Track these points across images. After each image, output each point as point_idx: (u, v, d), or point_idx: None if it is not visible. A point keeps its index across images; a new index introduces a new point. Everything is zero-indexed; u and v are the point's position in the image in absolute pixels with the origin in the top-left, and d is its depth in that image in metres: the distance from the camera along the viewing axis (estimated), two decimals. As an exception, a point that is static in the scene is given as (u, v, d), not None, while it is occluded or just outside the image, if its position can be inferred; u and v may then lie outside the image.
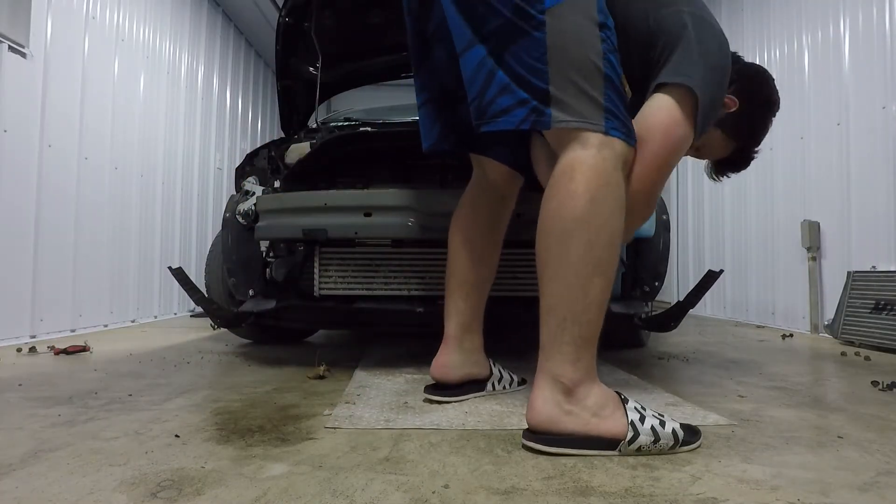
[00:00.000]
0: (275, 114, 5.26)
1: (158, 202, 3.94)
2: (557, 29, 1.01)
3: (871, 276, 2.68)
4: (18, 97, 2.58)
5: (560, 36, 1.01)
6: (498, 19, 1.04)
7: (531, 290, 1.83)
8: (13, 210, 2.57)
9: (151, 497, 0.76)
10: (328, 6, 2.42)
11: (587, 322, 1.00)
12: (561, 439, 0.98)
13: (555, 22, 1.01)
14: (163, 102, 3.99)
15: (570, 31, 1.01)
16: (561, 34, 1.01)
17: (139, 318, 3.66)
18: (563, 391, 1.00)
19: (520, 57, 1.02)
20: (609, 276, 1.01)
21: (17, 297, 2.58)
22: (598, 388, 1.02)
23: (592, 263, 0.99)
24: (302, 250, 1.90)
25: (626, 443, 0.97)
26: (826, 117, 3.09)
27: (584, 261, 0.99)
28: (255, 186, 2.07)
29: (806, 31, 3.27)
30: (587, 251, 0.99)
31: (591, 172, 0.99)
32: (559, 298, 1.01)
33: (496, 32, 1.05)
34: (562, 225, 1.00)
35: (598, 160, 0.99)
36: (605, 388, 1.03)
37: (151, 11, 3.81)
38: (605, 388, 1.03)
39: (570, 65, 1.00)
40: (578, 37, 1.01)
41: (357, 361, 2.00)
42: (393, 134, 2.17)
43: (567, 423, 0.98)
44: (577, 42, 1.01)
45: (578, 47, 1.01)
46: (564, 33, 1.01)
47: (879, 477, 0.85)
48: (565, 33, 1.01)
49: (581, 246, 0.99)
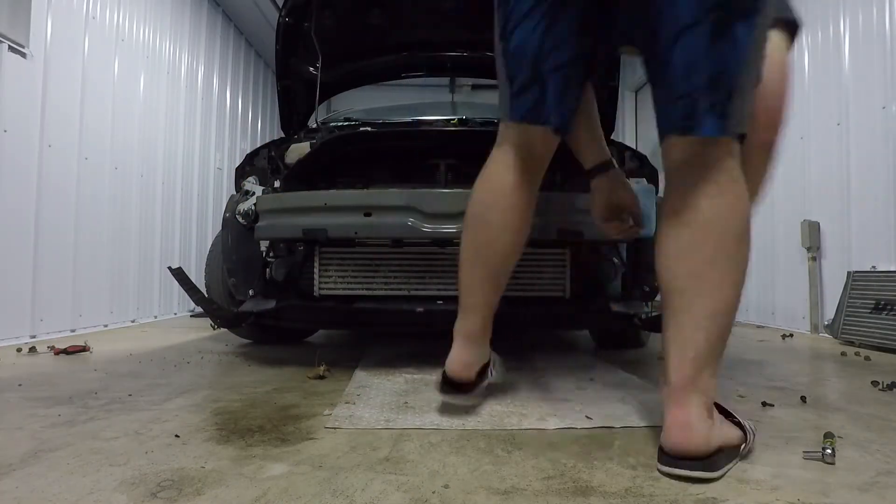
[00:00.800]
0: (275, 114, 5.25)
1: (158, 202, 3.94)
2: (759, 33, 0.94)
3: (871, 276, 2.68)
4: (18, 97, 2.58)
5: (757, 41, 0.94)
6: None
7: (532, 290, 1.83)
8: (13, 210, 2.57)
9: (151, 497, 0.76)
10: (328, 6, 2.42)
11: (728, 333, 0.97)
12: (717, 459, 0.88)
13: (761, 23, 0.93)
14: (163, 102, 3.98)
15: (760, 37, 0.95)
16: (758, 39, 0.94)
17: (139, 318, 3.66)
18: (707, 407, 0.92)
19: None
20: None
21: (17, 297, 2.58)
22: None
23: (745, 272, 0.95)
24: (302, 250, 1.91)
25: (746, 445, 0.95)
26: (826, 117, 3.09)
27: (744, 268, 0.94)
28: (255, 186, 2.07)
29: (806, 31, 3.27)
30: (747, 258, 0.94)
31: (741, 182, 0.95)
32: (727, 305, 0.93)
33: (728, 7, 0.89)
34: (740, 226, 0.93)
35: (738, 169, 0.96)
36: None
37: (151, 11, 3.81)
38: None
39: (750, 71, 0.94)
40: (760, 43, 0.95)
41: (357, 361, 2.00)
42: (393, 134, 2.17)
43: (713, 440, 0.89)
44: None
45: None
46: (759, 39, 0.94)
47: (879, 477, 0.85)
48: (759, 39, 0.95)
49: (747, 251, 0.94)
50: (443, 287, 1.84)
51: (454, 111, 2.80)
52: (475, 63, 2.86)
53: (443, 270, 1.85)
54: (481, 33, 2.72)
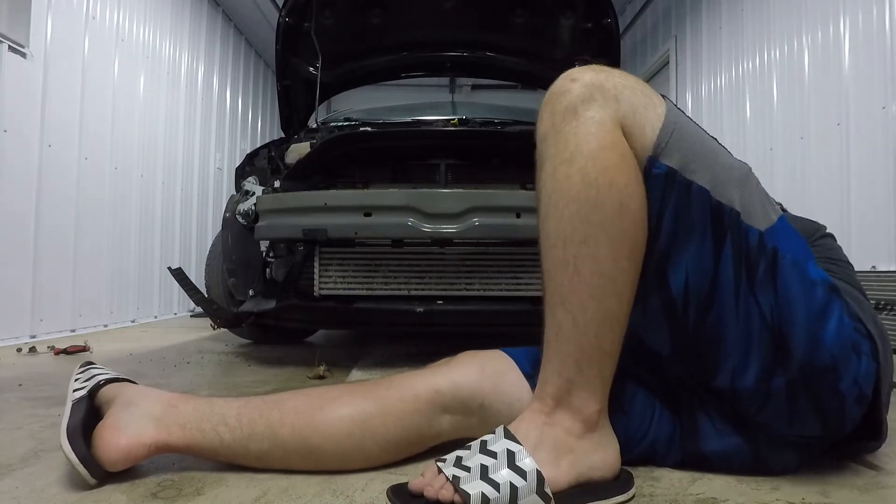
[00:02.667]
0: (275, 114, 5.26)
1: (158, 202, 3.94)
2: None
3: (871, 276, 2.68)
4: (18, 97, 2.58)
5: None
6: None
7: (532, 290, 1.83)
8: (13, 210, 2.57)
9: (151, 497, 0.76)
10: (328, 6, 2.42)
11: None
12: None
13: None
14: (163, 102, 3.99)
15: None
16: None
17: (139, 318, 3.66)
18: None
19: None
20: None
21: (17, 297, 2.58)
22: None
23: None
24: (302, 250, 1.91)
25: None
26: (826, 117, 3.09)
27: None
28: (255, 186, 2.07)
29: (806, 31, 3.27)
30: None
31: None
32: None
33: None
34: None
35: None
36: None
37: (151, 11, 3.81)
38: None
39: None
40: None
41: (357, 361, 2.00)
42: (393, 134, 2.17)
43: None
44: None
45: None
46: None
47: (880, 477, 0.85)
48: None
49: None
50: (443, 287, 1.84)
51: (454, 111, 2.79)
52: (475, 63, 2.86)
53: (443, 270, 1.85)
54: (481, 33, 2.73)
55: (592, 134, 0.71)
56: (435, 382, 0.87)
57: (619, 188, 0.71)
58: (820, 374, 0.74)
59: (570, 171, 0.72)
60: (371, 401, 0.86)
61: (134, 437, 0.79)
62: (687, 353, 0.80)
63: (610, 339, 0.73)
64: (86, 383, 0.90)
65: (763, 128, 3.51)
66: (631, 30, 5.67)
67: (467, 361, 0.90)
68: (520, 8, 2.50)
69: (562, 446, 0.73)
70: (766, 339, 0.75)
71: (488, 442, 0.73)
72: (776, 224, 0.76)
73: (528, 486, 0.67)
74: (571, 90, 0.74)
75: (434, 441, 0.89)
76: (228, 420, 0.83)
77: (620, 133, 0.73)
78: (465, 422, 0.87)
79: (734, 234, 0.74)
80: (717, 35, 4.15)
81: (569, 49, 2.68)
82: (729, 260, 0.74)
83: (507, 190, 1.89)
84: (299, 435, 0.83)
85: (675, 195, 0.74)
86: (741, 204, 0.75)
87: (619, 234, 0.71)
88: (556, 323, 0.74)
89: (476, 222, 1.68)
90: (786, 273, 0.74)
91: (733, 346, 0.76)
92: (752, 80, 3.72)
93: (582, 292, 0.71)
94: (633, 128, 0.73)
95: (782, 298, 0.74)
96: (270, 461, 0.84)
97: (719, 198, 0.74)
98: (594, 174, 0.70)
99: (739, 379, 0.77)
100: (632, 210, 0.72)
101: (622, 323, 0.74)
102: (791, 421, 0.78)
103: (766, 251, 0.74)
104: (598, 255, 0.71)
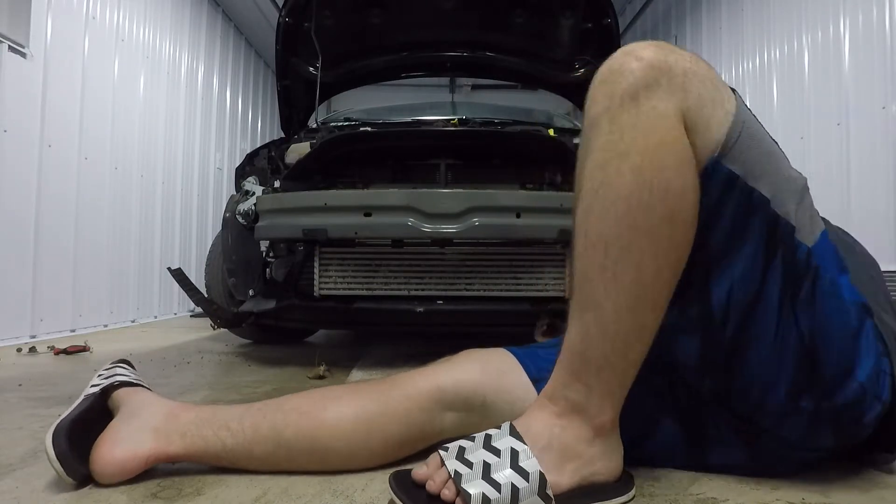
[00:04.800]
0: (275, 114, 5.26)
1: (158, 202, 3.94)
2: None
3: (871, 276, 2.67)
4: (18, 97, 2.58)
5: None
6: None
7: (532, 290, 1.83)
8: (13, 210, 2.57)
9: (151, 497, 0.76)
10: (328, 6, 2.42)
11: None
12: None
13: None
14: (163, 102, 3.99)
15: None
16: None
17: (139, 319, 3.66)
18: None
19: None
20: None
21: (17, 297, 2.58)
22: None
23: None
24: (302, 250, 1.91)
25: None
26: (826, 117, 3.09)
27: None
28: (255, 186, 2.07)
29: (806, 31, 3.27)
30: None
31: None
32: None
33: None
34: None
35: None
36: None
37: (151, 11, 3.81)
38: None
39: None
40: None
41: (357, 361, 2.00)
42: (393, 134, 2.17)
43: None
44: None
45: None
46: None
47: (880, 477, 0.85)
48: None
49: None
50: (443, 287, 1.84)
51: (454, 111, 2.79)
52: (475, 63, 2.86)
53: (443, 270, 1.85)
54: (481, 33, 2.73)
55: (653, 128, 0.64)
56: (437, 380, 0.86)
57: (675, 194, 0.64)
58: (851, 403, 0.72)
59: (623, 167, 0.64)
60: (375, 398, 0.85)
61: (129, 451, 0.79)
62: (716, 366, 0.77)
63: (638, 350, 0.70)
64: (104, 381, 0.91)
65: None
66: (631, 30, 5.67)
67: (469, 359, 0.89)
68: (520, 8, 2.50)
69: (570, 451, 0.71)
70: (801, 360, 0.72)
71: (493, 437, 0.72)
72: (820, 240, 0.73)
73: (530, 488, 0.66)
74: (634, 71, 0.65)
75: (436, 439, 0.89)
76: (231, 424, 0.82)
77: (683, 129, 0.66)
78: (467, 419, 0.87)
79: (785, 250, 0.70)
80: (717, 35, 4.15)
81: (569, 49, 2.69)
82: (778, 276, 0.70)
83: (507, 190, 1.89)
84: (305, 434, 0.82)
85: (733, 202, 0.69)
86: (797, 218, 0.71)
87: (666, 243, 0.66)
88: (583, 327, 0.70)
89: (476, 222, 1.68)
90: (825, 294, 0.71)
91: (767, 365, 0.73)
92: (752, 80, 3.72)
93: (618, 302, 0.66)
94: (698, 123, 0.66)
95: (819, 321, 0.71)
96: (275, 463, 0.83)
97: (778, 209, 0.69)
98: (649, 175, 0.64)
99: (767, 396, 0.74)
100: (684, 219, 0.66)
101: (652, 334, 0.70)
102: (805, 437, 0.77)
103: (810, 269, 0.71)
104: (641, 264, 0.65)
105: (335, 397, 0.87)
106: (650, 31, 5.40)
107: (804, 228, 0.71)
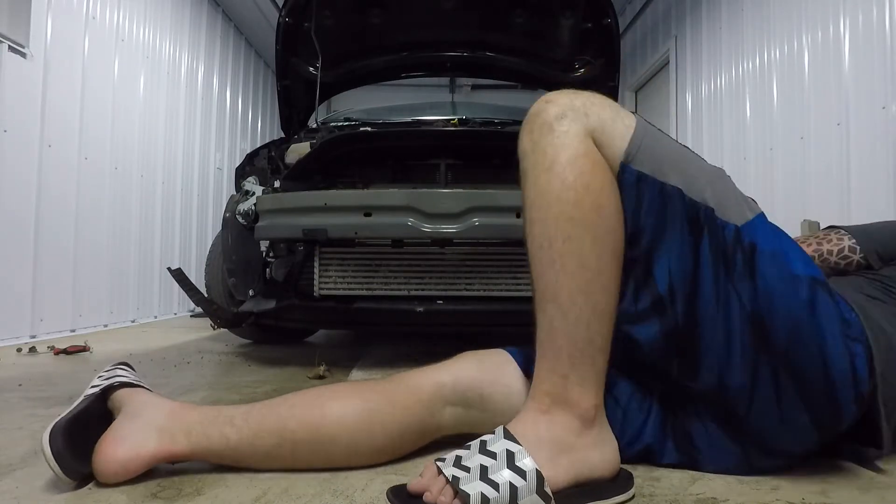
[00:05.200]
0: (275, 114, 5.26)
1: (158, 202, 3.94)
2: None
3: (871, 276, 2.67)
4: (18, 97, 2.58)
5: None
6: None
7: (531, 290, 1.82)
8: (13, 210, 2.57)
9: (151, 497, 0.76)
10: (328, 6, 2.42)
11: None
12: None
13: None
14: (163, 102, 3.99)
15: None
16: None
17: (139, 318, 3.66)
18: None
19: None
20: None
21: (17, 297, 2.58)
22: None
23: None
24: (302, 250, 1.91)
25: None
26: (826, 117, 3.09)
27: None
28: (255, 186, 2.07)
29: (806, 31, 3.27)
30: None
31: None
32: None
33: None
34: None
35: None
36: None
37: (151, 11, 3.81)
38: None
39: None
40: None
41: (357, 361, 2.00)
42: (393, 134, 2.17)
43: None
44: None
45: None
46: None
47: (880, 477, 0.85)
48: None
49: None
50: (443, 287, 1.84)
51: (454, 111, 2.80)
52: (475, 63, 2.86)
53: (443, 270, 1.85)
54: (481, 33, 2.73)
55: (567, 145, 0.77)
56: (437, 376, 0.91)
57: (595, 190, 0.77)
58: (814, 374, 0.76)
59: (550, 177, 0.77)
60: (378, 393, 0.89)
61: (132, 450, 0.79)
62: (679, 346, 0.82)
63: (600, 332, 0.76)
64: (104, 382, 0.91)
65: (763, 128, 3.51)
66: (631, 30, 5.66)
67: (467, 358, 0.95)
68: (520, 8, 2.50)
69: (561, 444, 0.74)
70: (748, 331, 0.78)
71: (488, 442, 0.73)
72: (754, 220, 0.80)
73: (528, 486, 0.67)
74: (547, 110, 0.81)
75: (435, 434, 0.92)
76: (235, 420, 0.84)
77: (592, 143, 0.79)
78: (465, 414, 0.90)
79: (711, 230, 0.79)
80: (717, 35, 4.15)
81: (569, 49, 2.68)
82: (707, 254, 0.79)
83: (507, 190, 1.89)
84: (310, 426, 0.84)
85: (648, 196, 0.79)
86: (715, 201, 0.79)
87: (600, 231, 0.76)
88: (546, 320, 0.77)
89: (476, 222, 1.68)
90: (764, 266, 0.77)
91: (717, 341, 0.79)
92: (752, 80, 3.72)
93: (570, 286, 0.75)
94: (604, 138, 0.79)
95: (761, 290, 0.77)
96: (278, 457, 0.84)
97: (693, 196, 0.79)
98: (571, 178, 0.76)
99: (726, 376, 0.80)
100: (609, 210, 0.77)
101: (611, 317, 0.78)
102: (781, 418, 0.79)
103: (743, 245, 0.78)
104: (582, 250, 0.75)
105: (338, 391, 0.91)
106: (650, 30, 5.40)
107: (728, 210, 0.79)
